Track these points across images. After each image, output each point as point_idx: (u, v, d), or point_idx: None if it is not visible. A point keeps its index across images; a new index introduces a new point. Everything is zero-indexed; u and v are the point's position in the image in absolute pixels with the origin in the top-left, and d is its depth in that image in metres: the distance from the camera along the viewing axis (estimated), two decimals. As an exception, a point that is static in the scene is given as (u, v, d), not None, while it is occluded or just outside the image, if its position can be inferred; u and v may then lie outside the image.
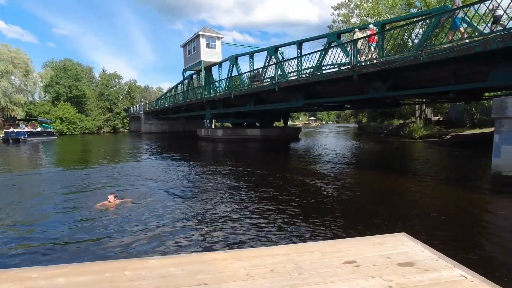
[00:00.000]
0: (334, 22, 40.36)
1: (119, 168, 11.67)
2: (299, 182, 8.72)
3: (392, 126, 30.50)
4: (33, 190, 8.00)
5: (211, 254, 2.64)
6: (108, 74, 58.87)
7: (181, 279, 2.19)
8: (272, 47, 20.33)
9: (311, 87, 16.19)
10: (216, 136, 27.02)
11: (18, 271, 2.44)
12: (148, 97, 72.30)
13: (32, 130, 32.20)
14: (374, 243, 2.79)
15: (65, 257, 3.85)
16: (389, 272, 2.22)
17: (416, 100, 20.01)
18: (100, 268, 2.43)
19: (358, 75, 11.53)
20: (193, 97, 29.85)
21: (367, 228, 4.71)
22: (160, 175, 9.90)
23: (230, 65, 25.39)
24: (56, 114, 45.49)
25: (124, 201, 6.39)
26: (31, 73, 45.37)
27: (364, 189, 7.95)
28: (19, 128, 32.29)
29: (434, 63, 9.28)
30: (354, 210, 5.86)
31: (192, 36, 31.27)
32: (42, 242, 4.37)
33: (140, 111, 49.60)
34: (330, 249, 2.68)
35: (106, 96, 54.43)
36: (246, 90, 20.63)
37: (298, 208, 5.83)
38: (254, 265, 2.37)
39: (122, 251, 3.97)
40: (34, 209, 6.14)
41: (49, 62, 57.54)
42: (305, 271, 2.26)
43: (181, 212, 5.72)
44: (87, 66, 63.00)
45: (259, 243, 4.14)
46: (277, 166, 12.18)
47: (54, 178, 9.89)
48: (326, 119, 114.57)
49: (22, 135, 29.44)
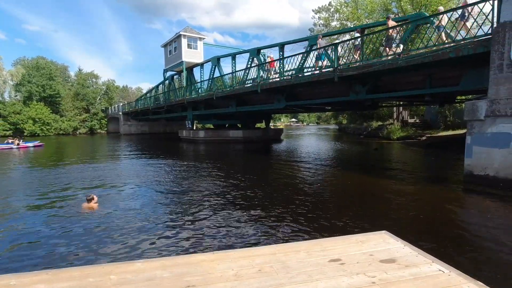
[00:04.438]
0: (315, 25, 41.08)
1: (98, 171, 11.31)
2: (282, 183, 8.81)
3: (371, 127, 31.36)
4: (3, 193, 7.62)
5: (197, 256, 2.63)
6: (85, 73, 57.03)
7: (169, 282, 2.17)
8: (254, 49, 20.42)
9: (293, 89, 16.39)
10: (198, 138, 26.78)
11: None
12: (127, 97, 70.54)
13: None
14: (358, 241, 2.88)
15: (44, 263, 3.70)
16: (372, 268, 2.30)
17: (394, 102, 20.69)
18: (82, 273, 2.37)
19: (339, 77, 11.80)
20: (174, 98, 29.45)
21: (349, 227, 4.83)
22: (142, 177, 9.70)
23: (212, 66, 25.30)
24: (29, 115, 43.57)
25: (105, 203, 6.23)
26: (0, 71, 43.20)
27: (345, 189, 8.15)
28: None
29: (410, 67, 9.66)
30: (337, 210, 5.99)
31: (174, 36, 30.85)
32: (20, 247, 4.18)
33: (119, 112, 48.27)
34: (315, 248, 2.74)
35: (82, 96, 52.65)
36: (228, 91, 20.60)
37: (282, 209, 5.89)
38: (241, 265, 2.38)
39: (105, 255, 3.87)
40: (9, 213, 5.86)
41: (21, 60, 55.00)
42: (292, 270, 2.30)
43: (164, 214, 5.64)
44: (62, 65, 60.76)
45: (244, 244, 4.16)
46: (260, 167, 12.24)
47: (27, 180, 9.47)
48: (307, 120, 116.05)
49: None
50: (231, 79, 21.50)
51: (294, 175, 9.97)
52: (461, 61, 8.67)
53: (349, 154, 17.08)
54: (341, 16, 30.67)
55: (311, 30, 44.40)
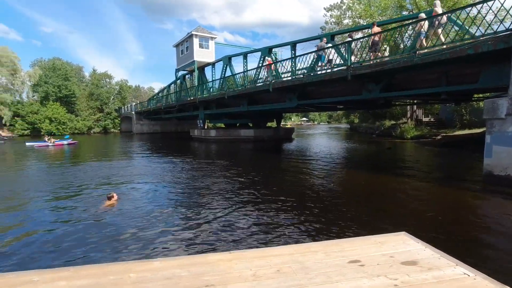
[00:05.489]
0: (327, 24, 40.63)
1: (115, 168, 11.52)
2: (295, 182, 8.76)
3: (383, 126, 30.88)
4: (24, 191, 7.83)
5: (215, 255, 2.63)
6: (99, 73, 58.05)
7: (187, 281, 2.17)
8: (266, 47, 20.36)
9: (305, 88, 16.27)
10: (209, 137, 26.92)
11: (18, 275, 2.38)
12: (139, 97, 71.54)
13: None
14: (376, 242, 2.82)
15: (65, 259, 3.77)
16: (393, 271, 2.25)
17: (407, 101, 20.31)
18: (102, 271, 2.39)
19: (352, 76, 11.64)
20: (186, 97, 29.68)
21: (365, 227, 4.75)
22: (156, 175, 9.82)
23: (224, 65, 25.35)
24: (45, 114, 44.71)
25: (123, 201, 6.35)
26: (18, 72, 44.52)
27: (358, 189, 8.03)
28: None
29: (426, 65, 9.44)
30: (351, 210, 5.91)
31: (185, 36, 31.09)
32: (41, 243, 4.29)
33: (132, 111, 49.02)
34: (333, 249, 2.70)
35: (96, 96, 53.68)
36: (240, 90, 20.61)
37: (296, 209, 5.85)
38: (259, 265, 2.37)
39: (124, 252, 3.93)
40: (32, 209, 6.02)
41: (38, 61, 56.43)
42: (310, 271, 2.27)
43: (180, 213, 5.70)
44: (77, 65, 62.03)
45: (260, 243, 4.15)
46: (272, 166, 12.20)
47: (45, 178, 9.70)
48: (318, 120, 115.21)
49: None
50: (243, 78, 21.50)
51: (307, 175, 9.89)
52: (480, 58, 8.41)
53: (362, 154, 16.85)
54: (354, 14, 30.22)
55: (322, 28, 43.93)
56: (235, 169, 10.92)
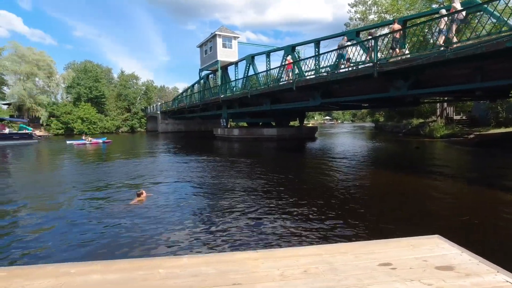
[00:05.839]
0: (351, 20, 39.66)
1: (143, 166, 11.93)
2: (319, 182, 8.62)
3: (411, 125, 29.76)
4: (53, 189, 8.26)
5: (241, 254, 2.63)
6: (126, 74, 60.16)
7: (214, 278, 2.18)
8: (289, 46, 20.20)
9: (329, 86, 15.98)
10: (232, 136, 27.13)
11: (56, 267, 2.51)
12: (164, 97, 73.38)
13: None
14: (408, 245, 2.71)
15: (96, 253, 3.94)
16: (427, 275, 2.15)
17: (437, 98, 19.42)
18: (133, 266, 2.47)
19: (379, 73, 11.28)
20: (209, 97, 30.07)
21: (394, 229, 4.59)
22: (182, 173, 10.03)
23: (247, 64, 25.42)
24: (78, 115, 46.95)
25: (151, 199, 6.54)
26: (54, 75, 47.08)
27: (386, 189, 7.77)
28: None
29: (459, 59, 8.96)
30: (379, 211, 5.73)
31: (209, 36, 31.51)
32: (73, 238, 4.49)
33: (157, 111, 50.44)
34: (362, 250, 2.62)
35: (124, 97, 55.63)
36: (263, 89, 20.58)
37: (321, 208, 5.75)
38: (286, 265, 2.34)
39: (152, 248, 4.03)
40: (66, 205, 6.34)
41: (71, 64, 59.51)
42: (339, 272, 2.21)
43: (206, 211, 5.78)
44: (106, 67, 64.60)
45: (284, 241, 4.11)
46: (295, 165, 12.10)
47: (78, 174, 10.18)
48: (341, 118, 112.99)
49: None
50: (266, 77, 21.47)
51: (331, 174, 9.72)
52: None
53: (388, 153, 16.32)
54: (380, 9, 29.28)
55: (346, 24, 42.88)
56: (259, 168, 10.93)
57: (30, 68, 42.97)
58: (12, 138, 26.69)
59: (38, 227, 5.05)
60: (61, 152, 20.61)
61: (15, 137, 27.09)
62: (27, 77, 43.26)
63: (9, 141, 26.00)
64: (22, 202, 6.76)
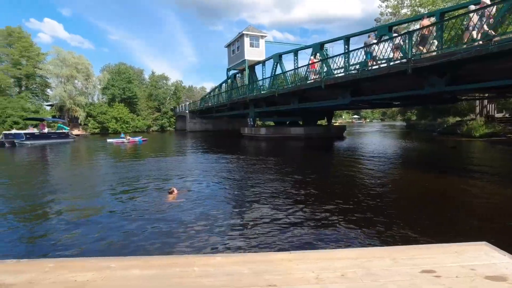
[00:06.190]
0: (382, 15, 38.29)
1: (174, 164, 12.29)
2: (351, 182, 8.40)
3: (446, 124, 28.21)
4: (89, 185, 8.70)
5: (275, 254, 2.61)
6: (157, 75, 62.26)
7: (249, 278, 2.17)
8: (317, 43, 19.87)
9: (359, 84, 15.54)
10: (260, 135, 27.18)
11: (97, 260, 2.63)
12: (192, 96, 75.11)
13: (34, 131, 27.79)
14: (452, 251, 2.55)
15: (132, 249, 4.08)
16: (475, 285, 2.00)
17: (477, 95, 18.26)
18: (170, 262, 2.53)
19: (413, 69, 10.78)
20: (236, 96, 30.34)
21: (433, 234, 4.35)
22: (211, 172, 10.18)
23: (274, 63, 25.33)
24: (112, 114, 49.29)
25: (184, 196, 6.72)
26: (91, 77, 49.78)
27: (422, 190, 7.40)
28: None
29: (504, 53, 8.34)
30: (415, 214, 5.46)
31: (236, 36, 31.79)
32: (109, 235, 4.68)
33: (186, 111, 51.79)
34: (401, 255, 2.50)
35: (155, 97, 57.64)
36: (291, 88, 20.42)
37: (354, 210, 5.59)
38: (322, 268, 2.28)
39: (185, 246, 4.11)
40: (99, 201, 6.67)
41: (106, 66, 62.63)
42: (378, 278, 2.12)
43: (235, 209, 5.82)
44: (138, 69, 67.35)
45: (317, 244, 4.03)
46: (325, 165, 11.88)
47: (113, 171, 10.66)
48: (370, 117, 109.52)
49: (19, 138, 25.11)
50: (293, 75, 21.28)
51: (362, 174, 9.43)
52: None
53: (422, 153, 15.56)
54: (413, 2, 27.99)
55: (377, 20, 41.41)
56: (287, 167, 10.85)
57: (70, 71, 45.76)
58: (51, 137, 28.37)
59: (77, 221, 5.32)
60: (96, 150, 21.76)
61: (53, 136, 28.83)
62: (67, 79, 46.08)
63: (48, 140, 27.72)
64: (62, 197, 7.18)
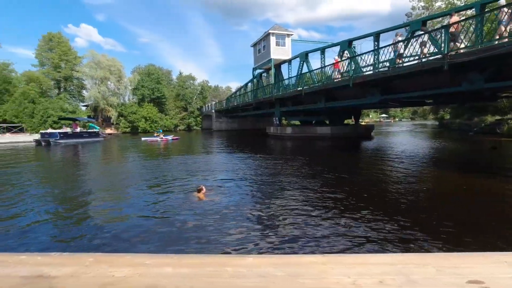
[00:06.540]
0: (414, 9, 36.83)
1: (200, 163, 12.51)
2: (383, 184, 8.11)
3: (484, 123, 26.53)
4: (120, 182, 9.02)
5: (308, 257, 2.55)
6: (184, 76, 63.73)
7: (283, 281, 2.13)
8: (345, 41, 19.40)
9: (389, 82, 15.02)
10: (285, 134, 27.03)
11: (132, 256, 2.70)
12: (218, 96, 76.16)
13: (67, 131, 29.11)
14: (501, 261, 2.36)
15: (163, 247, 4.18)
16: (531, 300, 1.84)
17: (521, 92, 17.00)
18: (202, 262, 2.54)
19: (450, 65, 10.23)
20: (262, 95, 30.35)
21: (475, 242, 4.09)
22: (238, 171, 10.25)
23: (300, 62, 25.06)
24: (142, 114, 51.12)
25: (212, 194, 6.81)
26: (123, 79, 52.02)
27: (461, 194, 6.99)
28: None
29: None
30: (456, 218, 5.15)
31: (262, 35, 31.79)
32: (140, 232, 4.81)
33: (212, 110, 52.65)
34: (444, 263, 2.35)
35: (182, 97, 59.10)
36: (318, 86, 20.11)
37: (387, 213, 5.37)
38: (358, 273, 2.19)
39: (214, 245, 4.15)
40: (131, 198, 6.91)
41: (136, 68, 65.01)
42: (420, 286, 2.00)
43: (264, 209, 5.77)
44: (166, 70, 69.33)
45: (351, 247, 3.91)
46: (354, 165, 11.59)
47: (143, 169, 11.02)
48: (399, 116, 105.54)
49: (54, 137, 26.57)
50: (320, 74, 20.93)
51: (395, 176, 9.06)
52: None
53: (458, 154, 14.72)
54: (448, -5, 26.62)
55: (408, 15, 39.80)
56: (315, 168, 10.69)
57: (104, 73, 48.11)
58: (82, 136, 29.89)
59: (110, 217, 5.54)
60: (129, 147, 22.63)
61: (85, 135, 30.32)
62: (101, 81, 48.47)
63: (80, 138, 29.24)
64: (96, 193, 7.52)
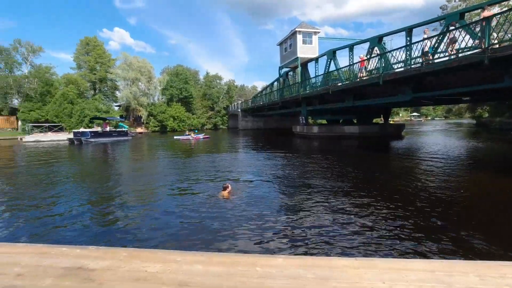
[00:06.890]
0: (449, 1, 35.01)
1: (226, 161, 12.67)
2: (415, 185, 7.74)
3: (529, 121, 24.67)
4: (150, 179, 9.31)
5: (340, 260, 2.49)
6: (211, 75, 64.73)
7: (314, 284, 2.10)
8: (375, 37, 18.77)
9: (421, 79, 14.34)
10: (312, 133, 26.66)
11: (164, 253, 2.78)
12: (244, 95, 76.56)
13: (98, 130, 30.22)
14: (553, 273, 2.18)
15: (191, 245, 4.26)
16: None
17: None
18: (232, 261, 2.56)
19: (491, 60, 9.58)
20: (289, 94, 30.12)
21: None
22: (263, 170, 10.24)
23: (328, 59, 24.56)
24: (170, 113, 52.61)
25: (238, 193, 6.87)
26: (153, 79, 53.86)
27: (505, 199, 6.54)
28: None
29: None
30: (499, 225, 4.83)
31: (289, 34, 31.53)
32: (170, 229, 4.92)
33: (238, 109, 53.08)
34: (488, 272, 2.21)
35: (208, 96, 60.08)
36: (345, 84, 19.62)
37: (421, 216, 5.15)
38: (392, 279, 2.12)
39: (242, 243, 4.17)
40: (159, 196, 7.13)
41: (166, 69, 66.95)
42: (462, 296, 1.90)
43: (290, 210, 5.74)
44: (194, 70, 70.69)
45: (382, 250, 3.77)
46: (385, 166, 11.20)
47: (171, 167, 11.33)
48: (431, 114, 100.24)
49: (86, 136, 27.70)
50: (348, 72, 20.38)
51: (430, 178, 8.63)
52: None
53: (499, 155, 13.78)
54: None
55: (443, 8, 37.81)
56: (344, 168, 10.46)
57: (135, 74, 50.05)
58: (112, 135, 30.94)
59: (140, 214, 5.72)
60: (156, 146, 23.35)
61: (114, 134, 31.41)
62: (132, 82, 50.44)
63: (110, 137, 30.24)
64: (127, 191, 7.81)
